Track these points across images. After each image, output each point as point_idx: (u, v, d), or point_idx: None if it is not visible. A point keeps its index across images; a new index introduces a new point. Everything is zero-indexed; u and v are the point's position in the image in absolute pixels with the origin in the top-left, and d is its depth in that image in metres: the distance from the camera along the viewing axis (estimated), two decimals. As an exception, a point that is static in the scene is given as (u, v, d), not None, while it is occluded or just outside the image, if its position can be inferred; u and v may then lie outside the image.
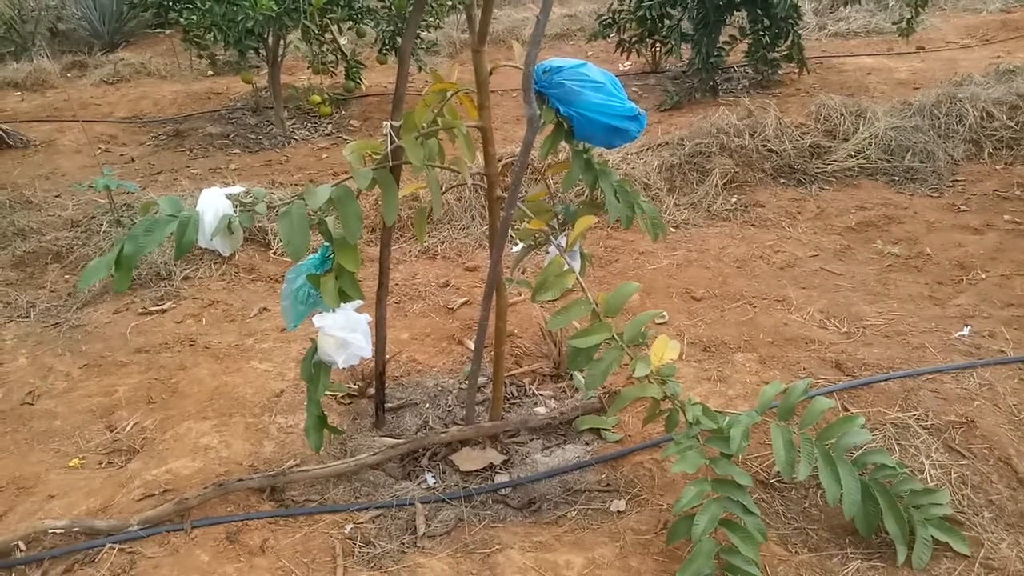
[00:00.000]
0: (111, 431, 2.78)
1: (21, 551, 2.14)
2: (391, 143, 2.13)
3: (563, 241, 2.33)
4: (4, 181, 5.31)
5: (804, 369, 2.77)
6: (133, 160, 5.89)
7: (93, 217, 4.33)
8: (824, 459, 2.01)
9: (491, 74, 2.18)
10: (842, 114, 4.74)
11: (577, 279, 2.16)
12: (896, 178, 4.44)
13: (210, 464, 2.50)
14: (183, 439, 2.64)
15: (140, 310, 3.58)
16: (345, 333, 2.19)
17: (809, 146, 4.62)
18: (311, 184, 3.69)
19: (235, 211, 2.08)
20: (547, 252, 2.36)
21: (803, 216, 4.15)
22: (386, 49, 6.29)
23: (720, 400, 2.67)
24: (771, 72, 6.22)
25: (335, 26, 6.41)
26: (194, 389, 2.95)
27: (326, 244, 2.21)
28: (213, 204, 2.07)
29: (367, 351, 2.21)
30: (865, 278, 3.47)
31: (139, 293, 3.75)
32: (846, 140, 4.64)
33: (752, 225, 4.10)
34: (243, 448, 2.58)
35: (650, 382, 2.09)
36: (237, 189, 2.13)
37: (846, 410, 2.48)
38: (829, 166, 4.53)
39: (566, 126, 2.26)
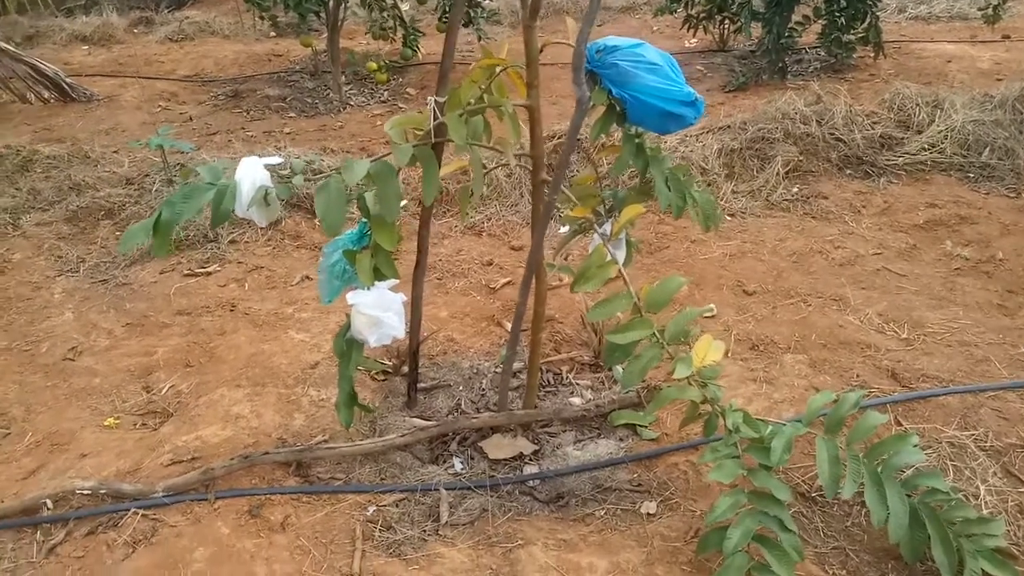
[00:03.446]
0: (148, 392, 2.80)
1: (48, 509, 2.16)
2: (434, 119, 2.06)
3: (609, 229, 2.23)
4: (65, 135, 5.40)
5: (857, 376, 2.63)
6: (191, 119, 5.93)
7: (147, 175, 4.36)
8: (871, 478, 1.89)
9: (542, 51, 2.08)
10: (917, 104, 4.48)
11: (620, 271, 2.06)
12: (971, 175, 4.19)
13: (239, 434, 2.49)
14: (215, 406, 2.63)
15: (185, 271, 3.60)
16: (378, 312, 2.14)
17: (880, 136, 4.38)
18: (349, 158, 3.64)
19: (272, 182, 2.03)
20: (593, 237, 2.27)
21: (868, 211, 3.95)
22: (446, 18, 6.18)
23: (764, 403, 2.56)
24: (845, 56, 5.93)
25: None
26: (231, 355, 2.94)
27: (364, 220, 2.15)
28: (251, 174, 2.01)
29: (400, 331, 2.15)
30: (930, 281, 3.28)
31: (186, 254, 3.76)
32: (920, 132, 4.39)
33: (813, 217, 3.92)
34: (273, 419, 2.56)
35: (690, 384, 1.99)
36: (275, 159, 2.07)
37: (900, 424, 2.34)
38: (900, 159, 4.29)
39: (619, 108, 2.15)
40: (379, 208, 2.02)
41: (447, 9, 6.11)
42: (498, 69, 2.10)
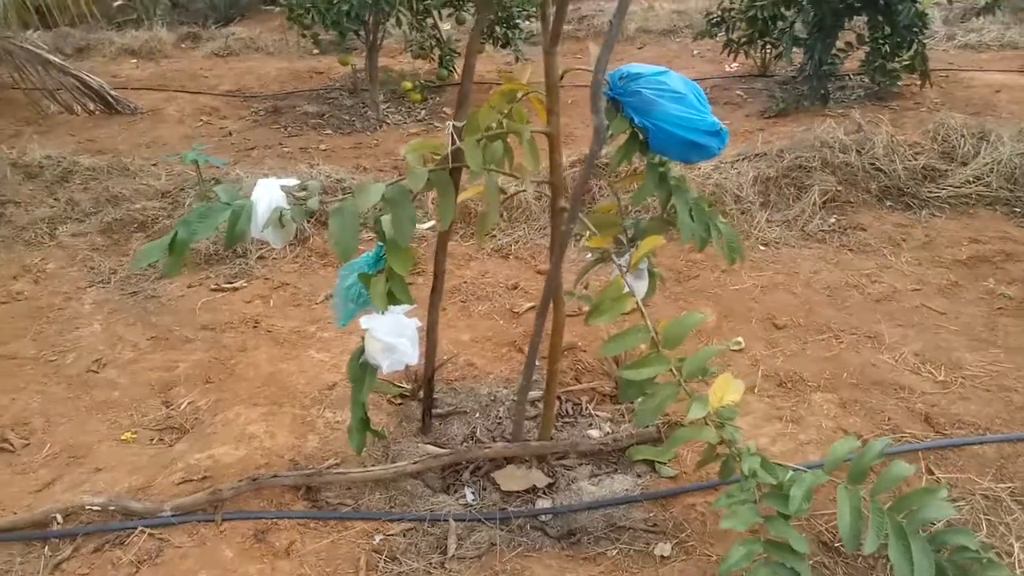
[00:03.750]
0: (167, 407, 2.80)
1: (58, 523, 2.17)
2: (452, 144, 2.03)
3: (628, 260, 2.18)
4: (107, 146, 5.51)
5: (888, 419, 2.52)
6: (231, 134, 6.01)
7: (182, 189, 4.42)
8: (896, 532, 1.79)
9: (562, 77, 2.04)
10: (963, 135, 4.34)
11: (637, 304, 2.00)
12: (1018, 210, 4.04)
13: (252, 454, 2.47)
14: (231, 424, 2.62)
15: (213, 286, 3.62)
16: (392, 338, 2.11)
17: (922, 168, 4.26)
18: (381, 176, 3.64)
19: (288, 203, 2.02)
20: (614, 268, 2.22)
21: (908, 244, 3.82)
22: (484, 38, 6.19)
23: (789, 445, 2.47)
24: (889, 83, 5.80)
25: (436, 11, 6.39)
26: (250, 373, 2.94)
27: (381, 243, 2.13)
28: (267, 195, 2.01)
29: (413, 358, 2.12)
30: (971, 320, 3.15)
31: (215, 268, 3.79)
32: (965, 164, 4.25)
33: (849, 250, 3.81)
34: (287, 440, 2.54)
35: (707, 424, 1.92)
36: (291, 181, 2.06)
37: (931, 473, 2.24)
38: (943, 191, 4.16)
39: (641, 136, 2.10)
40: (393, 232, 2.00)
41: (484, 30, 6.12)
42: (519, 94, 2.08)
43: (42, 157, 4.65)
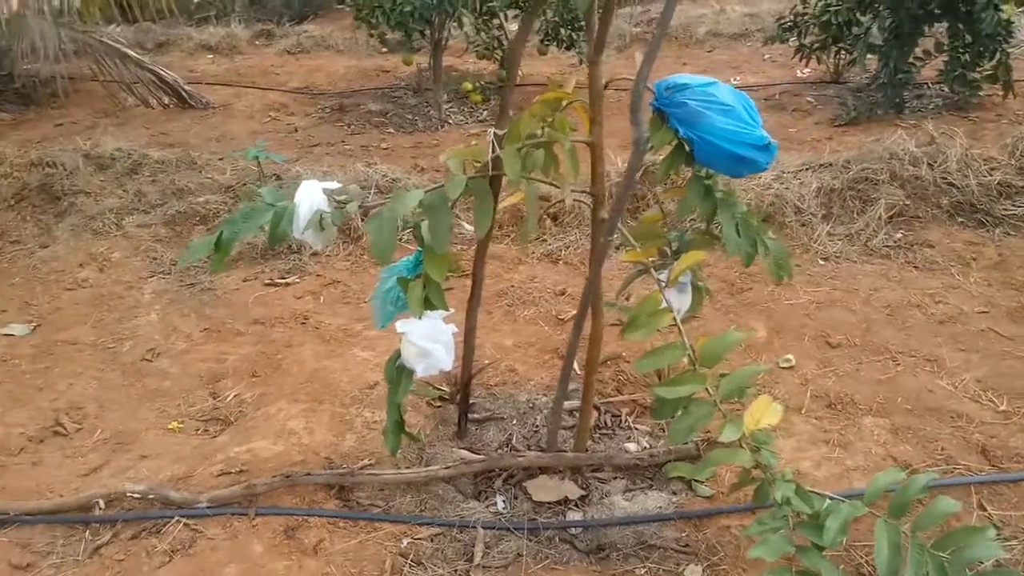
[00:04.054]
0: (213, 399, 2.87)
1: (100, 509, 2.24)
2: (492, 152, 2.02)
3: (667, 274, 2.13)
4: (178, 140, 5.69)
5: (942, 449, 2.41)
6: (296, 130, 6.14)
7: (244, 184, 4.52)
8: (937, 571, 1.70)
9: (607, 86, 2.00)
10: (1044, 150, 4.12)
11: (674, 319, 1.95)
12: (1101, 231, 3.82)
13: (290, 449, 2.51)
14: (272, 419, 2.67)
15: (266, 281, 3.70)
16: (427, 343, 2.12)
17: (998, 184, 4.05)
18: (399, 189, 3.65)
19: (329, 206, 2.04)
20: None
21: (978, 264, 3.65)
22: (548, 40, 6.17)
23: (834, 470, 2.38)
24: (969, 94, 5.54)
25: (503, 13, 6.38)
26: (295, 369, 2.99)
27: (420, 248, 2.13)
28: (309, 198, 2.03)
29: (447, 364, 2.12)
30: (1040, 347, 2.99)
31: (270, 263, 3.87)
32: (1045, 181, 4.04)
33: (914, 267, 3.65)
34: (324, 438, 2.57)
35: (741, 446, 1.86)
36: (333, 184, 2.08)
37: (983, 509, 2.12)
38: (1019, 209, 3.96)
39: (687, 148, 2.05)
40: (430, 239, 2.00)
41: (548, 32, 6.10)
42: (564, 103, 2.05)
43: (113, 149, 4.82)
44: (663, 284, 2.03)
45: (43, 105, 6.55)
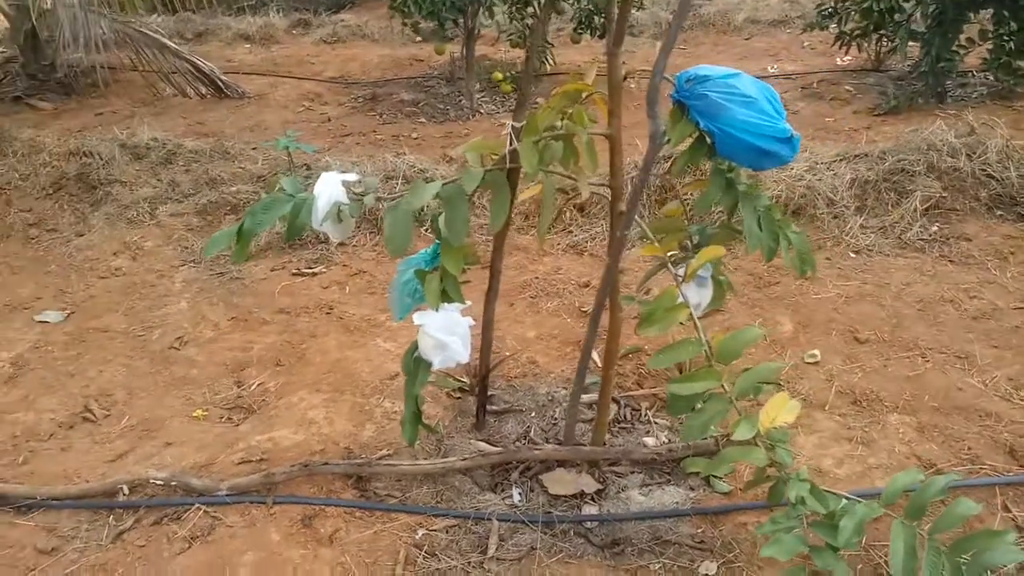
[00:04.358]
0: (238, 387, 2.92)
1: (124, 495, 2.29)
2: (511, 144, 2.01)
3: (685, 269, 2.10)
4: (214, 130, 5.76)
5: (969, 449, 2.35)
6: (329, 120, 6.18)
7: (275, 174, 4.57)
8: (954, 574, 1.67)
9: (626, 78, 1.98)
10: (1089, 142, 3.98)
11: (691, 315, 1.93)
12: None
13: (310, 439, 2.54)
14: (293, 408, 2.70)
15: (293, 271, 3.74)
16: (443, 335, 2.12)
17: (1040, 176, 3.93)
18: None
19: (347, 199, 2.05)
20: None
21: (1016, 258, 3.54)
22: (581, 28, 6.12)
23: (857, 468, 2.33)
24: (1015, 83, 5.37)
25: (536, 0, 6.35)
26: (317, 358, 3.02)
27: (438, 240, 2.14)
28: (328, 189, 2.05)
29: (464, 356, 2.12)
30: (1078, 345, 2.90)
31: (298, 253, 3.91)
32: (1090, 173, 3.90)
33: (949, 261, 3.56)
34: (344, 428, 2.60)
35: (756, 444, 1.84)
36: (352, 176, 2.09)
37: (1007, 510, 2.07)
38: (1063, 202, 3.83)
39: (709, 141, 2.02)
40: (447, 231, 2.00)
41: (582, 20, 6.05)
42: (583, 95, 2.03)
43: (149, 139, 4.90)
44: (681, 279, 2.01)
45: (84, 95, 6.69)
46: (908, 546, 1.69)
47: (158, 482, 2.30)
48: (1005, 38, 5.14)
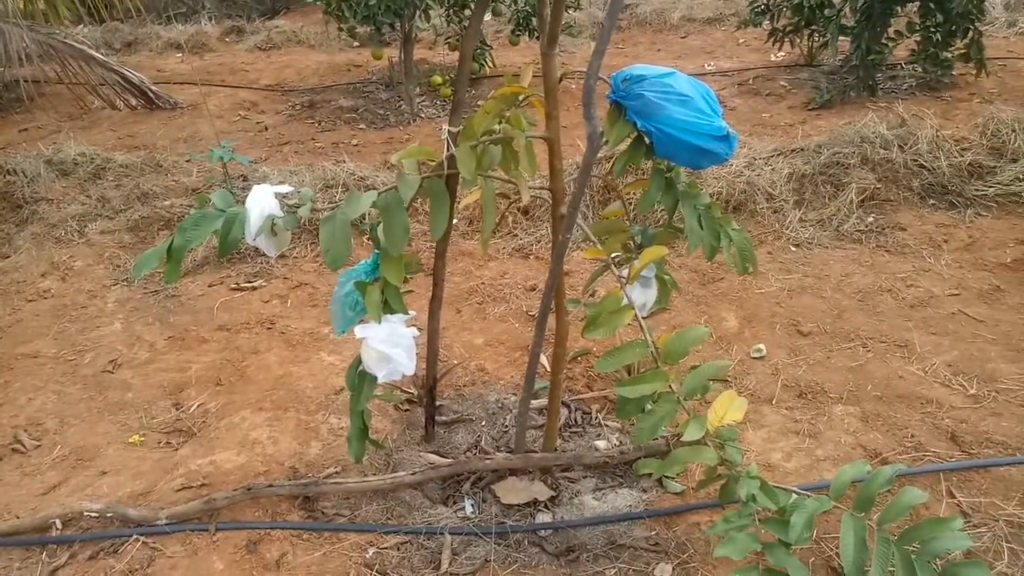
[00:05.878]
0: (176, 409, 2.81)
1: (57, 529, 2.18)
2: (447, 150, 1.97)
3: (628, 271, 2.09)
4: (146, 142, 5.59)
5: (912, 436, 2.39)
6: (266, 128, 6.05)
7: (210, 186, 4.44)
8: (903, 565, 1.68)
9: (561, 80, 1.96)
10: (1014, 130, 4.11)
11: (636, 317, 1.92)
12: (1073, 209, 3.81)
13: (253, 460, 2.46)
14: (235, 429, 2.62)
15: (232, 285, 3.63)
16: (387, 347, 2.06)
17: (969, 164, 4.04)
18: (352, 191, 3.59)
19: (281, 211, 1.98)
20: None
21: (949, 246, 3.63)
22: (519, 30, 6.11)
23: (805, 460, 2.35)
24: (942, 73, 5.54)
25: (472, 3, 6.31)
26: (260, 376, 2.93)
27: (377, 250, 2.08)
28: (260, 202, 1.98)
29: (409, 368, 2.06)
30: (1011, 329, 2.97)
31: (236, 267, 3.80)
32: (1015, 160, 4.02)
33: (886, 251, 3.64)
34: (289, 447, 2.52)
35: (706, 444, 1.83)
36: (285, 188, 2.02)
37: (952, 496, 2.10)
38: (991, 189, 3.95)
39: (647, 140, 2.01)
40: (385, 242, 1.95)
41: (520, 22, 6.04)
42: (520, 97, 2.00)
43: (77, 154, 4.72)
44: (624, 280, 1.99)
45: (7, 110, 6.44)
46: (858, 538, 1.70)
47: (93, 514, 2.20)
48: (932, 30, 5.29)
